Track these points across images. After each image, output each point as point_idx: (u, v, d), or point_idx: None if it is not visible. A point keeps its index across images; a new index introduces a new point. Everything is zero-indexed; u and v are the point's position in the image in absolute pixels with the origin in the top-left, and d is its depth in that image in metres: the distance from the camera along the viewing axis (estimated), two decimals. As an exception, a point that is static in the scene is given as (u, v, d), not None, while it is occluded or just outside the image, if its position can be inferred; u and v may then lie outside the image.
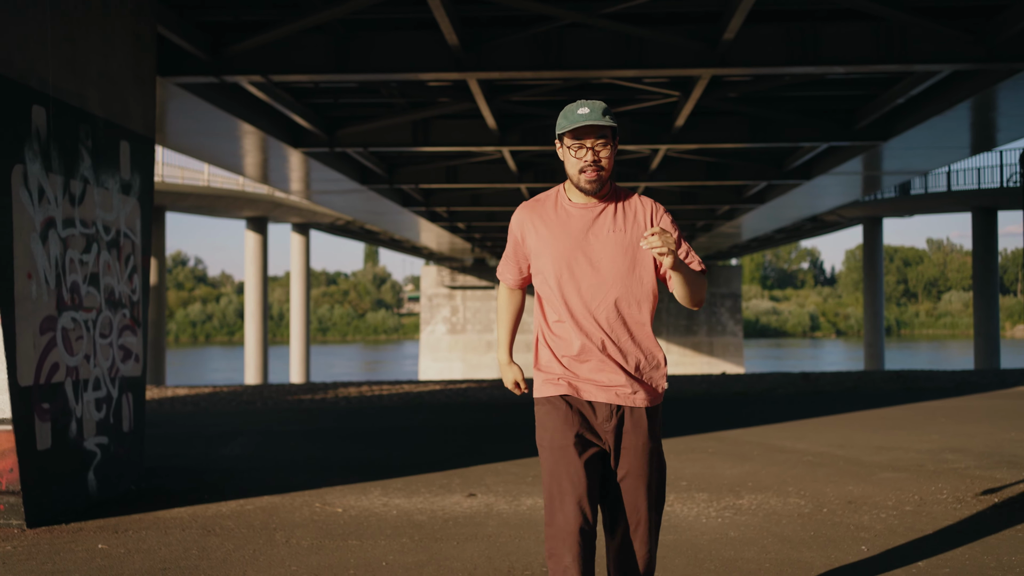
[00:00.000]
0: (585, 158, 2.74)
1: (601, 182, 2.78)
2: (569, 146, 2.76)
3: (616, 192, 2.87)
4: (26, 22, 5.11)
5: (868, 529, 4.75)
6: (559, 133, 2.78)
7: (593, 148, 2.75)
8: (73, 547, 4.55)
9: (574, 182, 2.80)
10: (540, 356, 2.84)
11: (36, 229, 5.14)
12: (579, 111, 2.74)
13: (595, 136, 2.74)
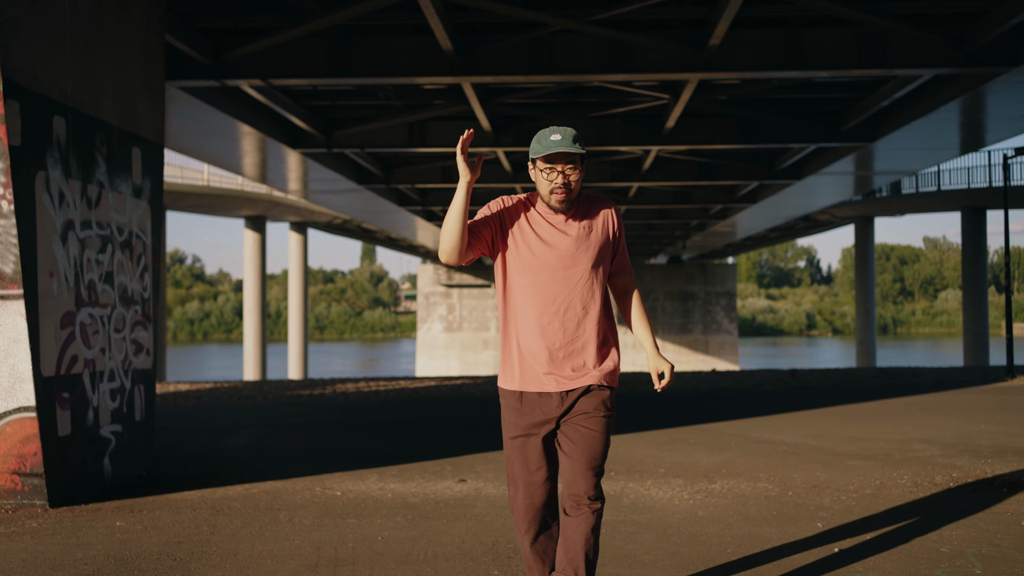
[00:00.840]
0: (556, 181, 2.99)
1: (569, 202, 3.03)
2: (542, 169, 3.01)
3: (581, 199, 3.12)
4: (48, 40, 5.49)
5: (827, 509, 5.15)
6: (532, 157, 3.03)
7: (563, 172, 3.00)
8: (93, 524, 4.94)
9: (545, 200, 3.05)
10: (505, 350, 3.13)
11: (57, 231, 5.53)
12: (552, 137, 2.97)
13: (565, 161, 2.99)
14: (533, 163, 3.05)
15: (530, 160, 3.06)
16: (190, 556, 4.24)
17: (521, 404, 3.07)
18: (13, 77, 5.14)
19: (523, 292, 3.07)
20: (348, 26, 10.70)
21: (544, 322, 3.05)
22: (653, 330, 3.38)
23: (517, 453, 3.09)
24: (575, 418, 3.04)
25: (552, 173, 2.99)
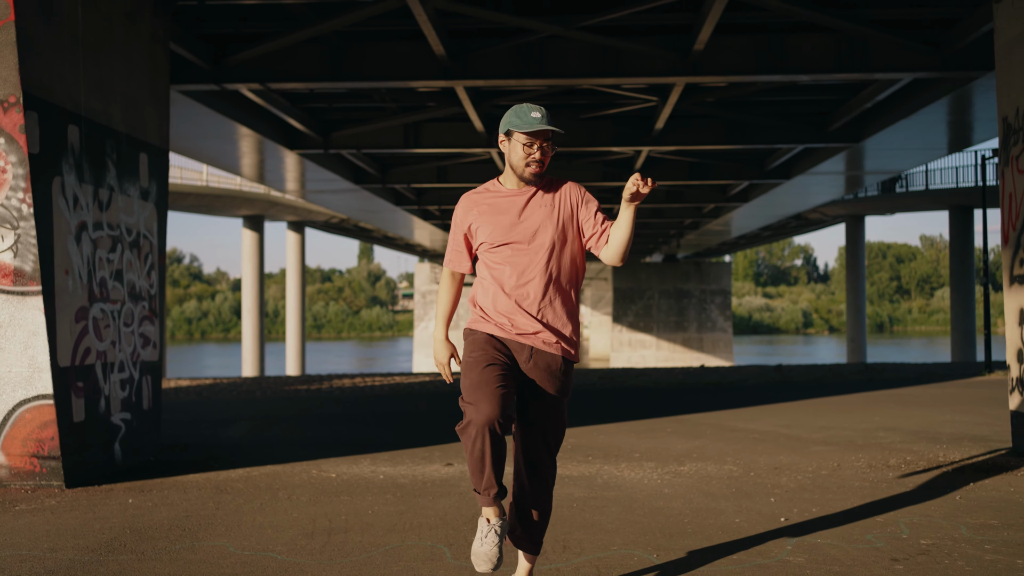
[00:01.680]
0: (534, 155, 3.21)
1: (541, 175, 3.27)
2: (523, 143, 3.20)
3: (546, 180, 3.33)
4: (62, 54, 5.92)
5: (783, 487, 5.58)
6: (510, 130, 3.20)
7: (542, 147, 3.22)
8: (107, 502, 5.37)
9: (518, 172, 3.24)
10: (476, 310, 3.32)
11: (71, 232, 5.95)
12: (532, 115, 3.19)
13: (543, 138, 3.22)
14: (508, 136, 3.24)
15: (503, 132, 3.23)
16: (197, 527, 4.67)
17: (488, 341, 3.23)
18: (31, 90, 5.57)
19: (493, 266, 3.29)
20: (344, 31, 11.09)
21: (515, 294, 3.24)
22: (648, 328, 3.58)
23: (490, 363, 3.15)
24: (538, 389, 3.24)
25: (532, 147, 3.21)
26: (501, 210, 3.28)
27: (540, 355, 3.26)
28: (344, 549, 4.18)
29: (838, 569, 3.71)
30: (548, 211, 3.27)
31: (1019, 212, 6.80)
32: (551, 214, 3.27)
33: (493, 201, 3.31)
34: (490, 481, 3.11)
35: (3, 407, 5.70)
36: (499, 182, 3.35)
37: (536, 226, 3.25)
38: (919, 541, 4.16)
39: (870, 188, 33.40)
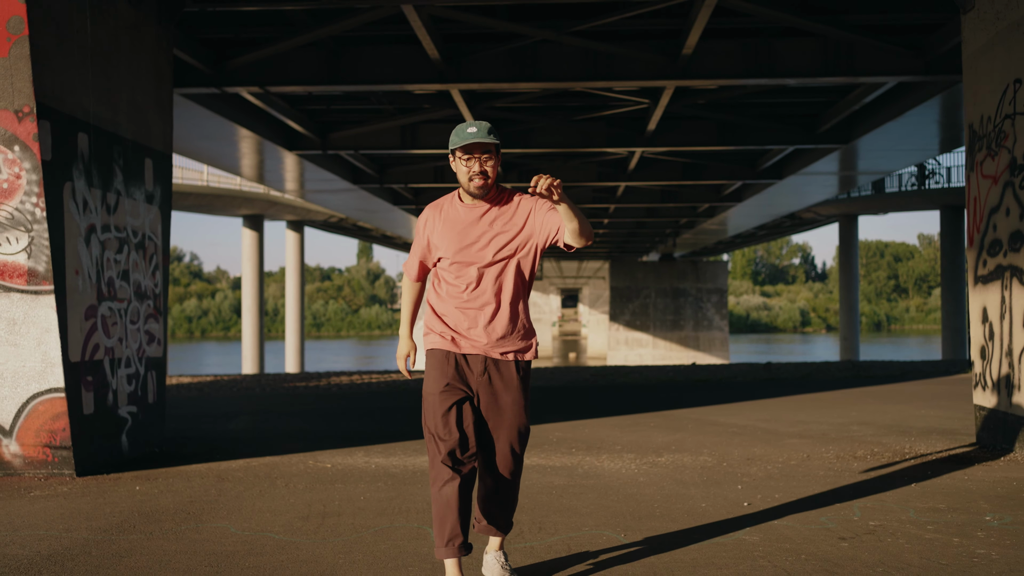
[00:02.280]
0: (474, 168, 3.33)
1: (487, 188, 3.37)
2: (461, 159, 3.34)
3: (500, 193, 3.46)
4: (73, 66, 6.25)
5: (751, 476, 5.93)
6: (452, 148, 3.36)
7: (480, 160, 3.33)
8: (116, 489, 5.71)
9: (466, 189, 3.38)
10: (429, 321, 3.56)
11: (81, 234, 6.29)
12: (468, 130, 3.31)
13: (481, 152, 3.32)
14: (453, 155, 3.38)
15: (450, 152, 3.38)
16: (201, 511, 5.01)
17: (444, 361, 3.44)
18: (44, 100, 5.90)
19: (448, 279, 3.48)
20: (341, 36, 11.39)
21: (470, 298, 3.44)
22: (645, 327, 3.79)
23: (439, 400, 3.42)
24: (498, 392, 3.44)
25: (471, 162, 3.33)
26: (456, 226, 3.44)
27: (495, 365, 3.45)
28: (337, 530, 4.52)
29: (788, 546, 4.05)
30: (500, 226, 3.42)
31: (983, 215, 7.14)
32: (503, 228, 3.42)
33: (450, 216, 3.47)
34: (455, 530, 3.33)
35: (18, 399, 6.04)
36: (459, 197, 3.50)
37: (488, 241, 3.41)
38: (868, 522, 4.50)
39: (864, 188, 33.75)
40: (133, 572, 3.79)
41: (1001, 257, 6.81)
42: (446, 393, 3.41)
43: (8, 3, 5.75)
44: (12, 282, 5.95)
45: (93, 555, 4.08)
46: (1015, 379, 6.57)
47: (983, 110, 7.15)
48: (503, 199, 3.47)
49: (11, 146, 5.85)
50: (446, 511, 3.33)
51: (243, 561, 3.95)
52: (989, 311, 7.02)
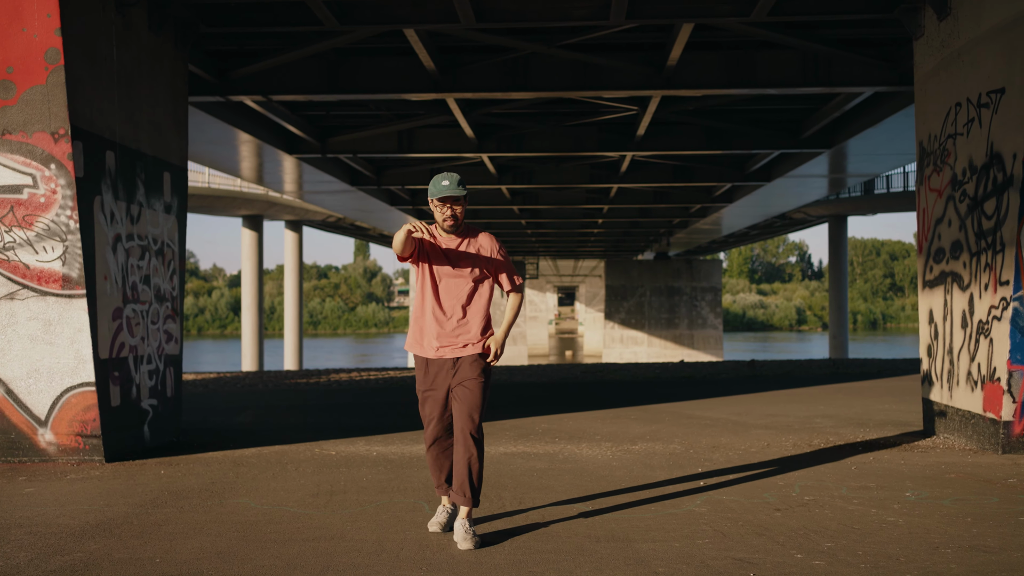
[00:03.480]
0: (446, 213, 4.31)
1: (456, 227, 4.36)
2: (436, 206, 4.31)
3: (468, 229, 4.44)
4: (102, 91, 6.91)
5: (713, 461, 6.60)
6: (430, 197, 4.29)
7: (452, 207, 4.31)
8: (143, 472, 6.37)
9: (441, 227, 4.38)
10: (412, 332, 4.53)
11: (109, 243, 6.95)
12: (442, 183, 4.25)
13: (452, 201, 4.30)
14: (431, 201, 4.34)
15: (429, 198, 4.33)
16: (223, 490, 5.67)
17: (426, 367, 4.45)
18: (77, 123, 6.56)
19: (422, 295, 4.44)
20: (340, 47, 12.01)
21: (443, 313, 4.40)
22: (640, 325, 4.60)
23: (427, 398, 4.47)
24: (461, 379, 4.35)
25: (444, 208, 4.32)
26: (438, 254, 4.41)
27: (462, 360, 4.39)
28: (344, 504, 5.19)
29: (730, 515, 4.73)
30: (469, 258, 4.41)
31: (930, 226, 7.82)
32: (471, 260, 4.41)
33: (434, 240, 4.40)
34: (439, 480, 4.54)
35: (53, 393, 6.70)
36: (438, 229, 4.43)
37: (459, 270, 4.39)
38: (804, 497, 5.18)
39: (853, 189, 34.44)
40: (172, 537, 4.45)
41: (944, 264, 7.49)
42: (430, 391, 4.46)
43: (45, 36, 6.40)
44: (48, 287, 6.61)
45: (135, 524, 4.74)
46: (955, 375, 7.25)
47: (930, 129, 7.82)
48: (469, 232, 4.45)
49: (48, 164, 6.51)
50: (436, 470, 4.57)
51: (264, 528, 4.62)
52: (934, 313, 7.69)
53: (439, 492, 4.61)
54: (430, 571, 3.81)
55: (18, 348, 6.67)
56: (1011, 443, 6.54)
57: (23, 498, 5.47)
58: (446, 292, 4.41)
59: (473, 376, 4.38)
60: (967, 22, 7.08)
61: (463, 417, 4.35)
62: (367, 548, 4.19)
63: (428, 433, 4.52)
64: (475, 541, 4.19)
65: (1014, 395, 6.48)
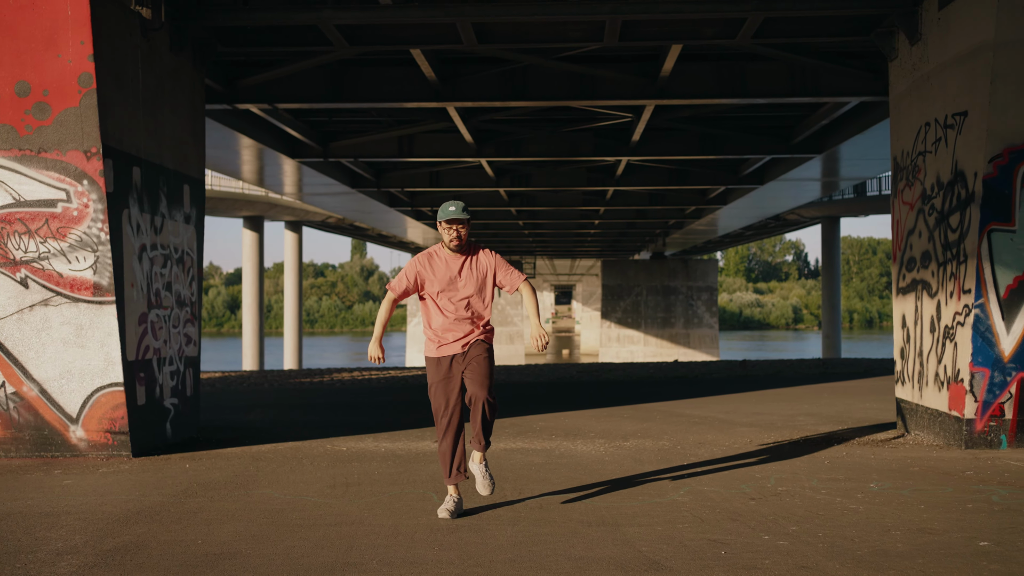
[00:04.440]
0: (452, 234, 5.07)
1: (462, 246, 5.11)
2: (444, 228, 5.07)
3: (471, 247, 5.17)
4: (128, 111, 7.41)
5: (698, 455, 7.11)
6: (438, 220, 5.05)
7: (457, 229, 5.06)
8: (169, 467, 6.87)
9: (446, 245, 5.12)
10: (426, 345, 5.20)
11: (135, 253, 7.45)
12: (449, 209, 5.01)
13: (458, 223, 5.05)
14: (439, 224, 5.09)
15: (437, 221, 5.08)
16: (247, 482, 6.18)
17: (438, 363, 5.14)
18: (108, 141, 7.06)
19: (433, 307, 5.15)
20: (343, 58, 12.46)
21: (449, 322, 5.12)
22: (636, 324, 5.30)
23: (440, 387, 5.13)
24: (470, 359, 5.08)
25: (451, 229, 5.07)
26: (442, 271, 5.14)
27: (469, 346, 5.13)
28: (359, 494, 5.70)
29: (708, 504, 5.24)
30: (471, 272, 5.15)
31: (903, 236, 8.34)
32: (473, 274, 5.15)
33: (438, 263, 5.16)
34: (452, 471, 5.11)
35: (84, 392, 7.19)
36: (442, 247, 5.18)
37: (464, 281, 5.13)
38: (777, 488, 5.69)
39: (846, 191, 34.97)
40: (208, 522, 4.96)
41: (915, 272, 8.01)
42: (445, 380, 5.13)
43: (79, 61, 6.90)
44: (80, 294, 7.11)
45: (172, 511, 5.25)
46: (925, 376, 7.77)
47: (903, 146, 8.34)
48: (472, 250, 5.19)
49: (80, 181, 7.01)
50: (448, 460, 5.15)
51: (290, 515, 5.13)
52: (907, 318, 8.21)
53: (448, 482, 5.13)
54: (442, 550, 4.32)
55: (51, 351, 7.17)
56: (973, 439, 7.06)
57: (63, 489, 5.97)
58: (452, 302, 5.10)
59: (480, 353, 5.11)
60: (935, 48, 7.60)
61: (477, 388, 5.06)
62: (384, 532, 4.70)
63: (442, 422, 5.10)
64: (491, 486, 5.12)
65: (976, 395, 7.00)
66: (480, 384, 5.07)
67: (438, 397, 5.14)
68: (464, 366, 5.10)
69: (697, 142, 17.66)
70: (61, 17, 6.89)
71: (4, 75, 6.93)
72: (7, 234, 7.05)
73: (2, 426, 7.23)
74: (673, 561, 4.07)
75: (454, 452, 5.10)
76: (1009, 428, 7.02)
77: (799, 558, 4.08)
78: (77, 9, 6.87)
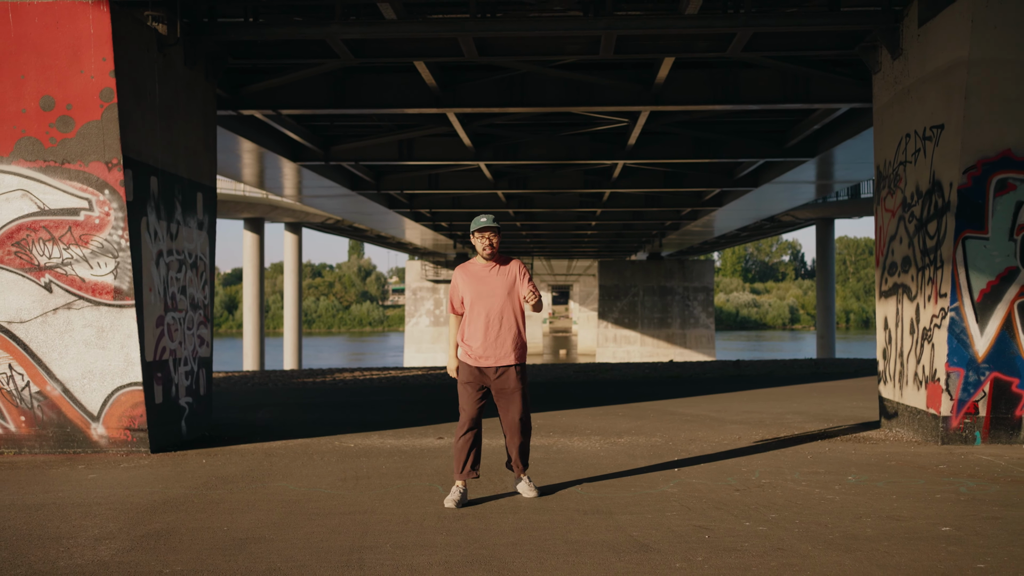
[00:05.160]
0: (484, 243, 5.51)
1: (494, 254, 5.54)
2: (478, 237, 5.51)
3: (502, 258, 5.60)
4: (147, 124, 7.78)
5: (688, 451, 7.49)
6: (472, 230, 5.49)
7: (489, 237, 5.50)
8: (186, 462, 7.24)
9: (480, 253, 5.56)
10: (461, 346, 5.58)
11: (153, 259, 7.82)
12: (482, 220, 5.47)
13: (491, 233, 5.50)
14: (472, 234, 5.52)
15: (471, 232, 5.50)
16: (262, 475, 6.55)
17: (470, 369, 5.53)
18: (128, 153, 7.43)
19: (470, 312, 5.54)
20: (346, 66, 12.81)
21: (482, 327, 5.44)
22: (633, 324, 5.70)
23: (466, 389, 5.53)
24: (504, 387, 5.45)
25: (483, 238, 5.53)
26: (475, 280, 5.58)
27: (502, 370, 5.50)
28: (369, 487, 6.08)
29: (696, 494, 5.62)
30: (503, 280, 5.56)
31: (885, 242, 8.72)
32: (504, 282, 5.55)
33: (472, 274, 5.59)
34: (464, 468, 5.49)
35: (105, 391, 7.56)
36: (474, 260, 5.66)
37: (496, 290, 5.52)
38: (761, 480, 6.08)
39: (841, 193, 35.37)
40: (231, 511, 5.33)
41: (896, 277, 8.39)
42: (467, 386, 5.56)
43: (101, 77, 7.27)
44: (102, 298, 7.47)
45: (195, 502, 5.62)
46: (905, 376, 8.15)
47: (886, 156, 8.73)
48: (503, 260, 5.65)
49: (102, 190, 7.38)
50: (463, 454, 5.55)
51: (306, 505, 5.50)
52: (888, 320, 8.60)
53: (457, 476, 5.52)
54: (449, 535, 4.70)
55: (74, 352, 7.53)
56: (949, 435, 7.45)
57: (90, 482, 6.34)
58: (485, 307, 5.49)
59: (514, 387, 5.52)
60: (915, 63, 7.99)
61: (515, 427, 5.56)
62: (395, 519, 5.08)
63: (463, 420, 5.50)
64: (536, 491, 5.64)
65: (951, 393, 7.39)
66: (516, 419, 5.51)
67: (463, 398, 5.54)
68: (496, 390, 5.49)
69: (692, 146, 18.05)
70: (84, 35, 7.26)
71: (30, 90, 7.30)
72: (32, 241, 7.42)
73: (27, 423, 7.60)
74: (661, 544, 4.45)
75: (468, 453, 5.48)
76: (983, 425, 7.41)
77: (775, 541, 4.46)
78: (99, 27, 7.24)
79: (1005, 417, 7.38)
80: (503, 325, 5.49)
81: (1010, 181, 7.20)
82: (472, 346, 5.51)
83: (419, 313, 52.76)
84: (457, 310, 5.67)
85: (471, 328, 5.52)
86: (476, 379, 5.50)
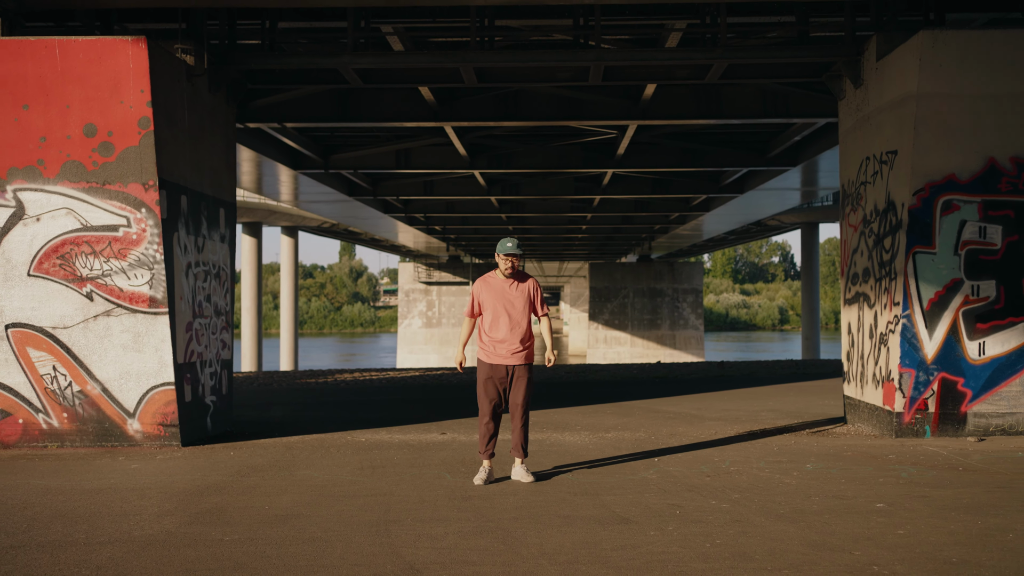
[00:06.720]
0: (507, 264, 6.51)
1: (514, 273, 6.54)
2: (502, 258, 6.49)
3: (520, 275, 6.55)
4: (178, 147, 8.57)
5: (668, 444, 8.32)
6: (497, 252, 6.48)
7: (512, 261, 6.49)
8: (216, 454, 8.03)
9: (501, 271, 6.53)
10: (480, 350, 6.48)
11: (183, 270, 8.61)
12: (507, 245, 6.48)
13: (514, 257, 6.50)
14: (497, 254, 6.52)
15: (496, 253, 6.51)
16: (287, 465, 7.35)
17: (489, 368, 6.47)
18: (162, 175, 8.22)
19: (491, 319, 6.49)
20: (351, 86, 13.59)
21: (502, 332, 6.39)
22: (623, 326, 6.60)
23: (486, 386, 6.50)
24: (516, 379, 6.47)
25: (507, 260, 6.53)
26: (496, 293, 6.61)
27: (515, 367, 6.52)
28: (384, 474, 6.88)
29: (671, 480, 6.45)
30: (521, 295, 6.60)
31: (848, 254, 9.57)
32: (522, 297, 6.60)
33: (493, 287, 6.61)
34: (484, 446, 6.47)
35: (141, 390, 8.35)
36: (495, 274, 6.64)
37: (513, 302, 6.56)
38: (730, 468, 6.91)
39: (825, 199, 36.28)
40: (268, 494, 6.13)
41: (858, 286, 9.24)
42: (487, 382, 6.57)
43: (139, 107, 8.06)
44: (138, 306, 8.26)
45: (233, 487, 6.42)
46: (865, 376, 9.00)
47: (849, 175, 9.58)
48: (521, 276, 6.66)
49: (139, 209, 8.17)
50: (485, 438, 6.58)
51: (332, 489, 6.31)
52: (852, 325, 9.45)
53: (481, 456, 6.52)
54: (460, 512, 5.51)
55: (112, 355, 8.32)
56: (902, 429, 8.30)
57: (134, 471, 7.13)
58: (504, 317, 6.51)
59: (523, 377, 6.57)
60: (874, 93, 8.83)
61: (519, 406, 6.55)
62: (412, 499, 5.89)
63: (485, 409, 6.51)
64: (532, 478, 6.47)
65: (904, 392, 8.24)
66: (521, 404, 6.53)
67: (486, 391, 6.51)
68: (508, 381, 6.49)
69: (679, 155, 18.91)
70: (124, 69, 8.05)
71: (75, 118, 8.09)
72: (75, 254, 8.21)
73: (68, 419, 8.38)
74: (639, 518, 5.28)
75: (492, 435, 6.49)
76: (932, 420, 8.26)
77: (735, 515, 5.29)
78: (137, 62, 8.03)
79: (952, 413, 8.23)
80: (520, 331, 6.49)
81: (955, 202, 8.06)
82: (494, 349, 6.49)
83: (412, 315, 53.48)
84: (474, 314, 6.64)
85: (492, 333, 6.50)
86: (496, 375, 6.47)
